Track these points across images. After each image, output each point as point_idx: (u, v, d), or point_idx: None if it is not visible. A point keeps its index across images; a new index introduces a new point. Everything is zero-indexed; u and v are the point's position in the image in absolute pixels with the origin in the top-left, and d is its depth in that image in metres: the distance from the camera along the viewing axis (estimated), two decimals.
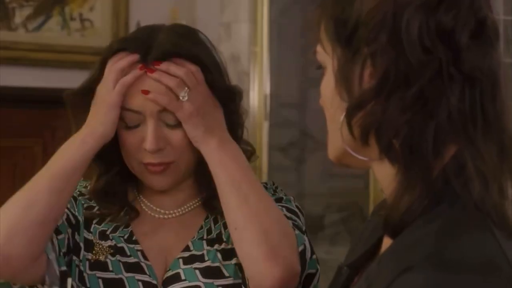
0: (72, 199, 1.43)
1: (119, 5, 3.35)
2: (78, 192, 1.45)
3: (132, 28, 3.28)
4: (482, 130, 0.83)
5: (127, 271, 1.37)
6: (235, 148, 1.37)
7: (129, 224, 1.43)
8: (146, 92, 1.34)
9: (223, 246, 1.40)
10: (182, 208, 1.45)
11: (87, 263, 1.38)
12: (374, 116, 0.83)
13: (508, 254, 0.80)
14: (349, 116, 0.85)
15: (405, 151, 0.83)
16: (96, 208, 1.44)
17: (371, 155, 0.87)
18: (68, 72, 3.12)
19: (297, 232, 1.35)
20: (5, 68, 3.11)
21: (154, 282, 1.37)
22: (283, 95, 3.90)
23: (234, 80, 1.51)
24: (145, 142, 1.35)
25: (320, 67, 0.92)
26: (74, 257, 1.39)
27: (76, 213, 1.42)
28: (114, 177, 1.44)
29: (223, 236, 1.41)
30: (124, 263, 1.38)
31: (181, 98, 1.34)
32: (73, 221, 1.41)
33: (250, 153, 1.46)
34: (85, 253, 1.39)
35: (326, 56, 0.90)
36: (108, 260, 1.38)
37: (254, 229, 1.28)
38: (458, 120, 0.82)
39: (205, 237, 1.41)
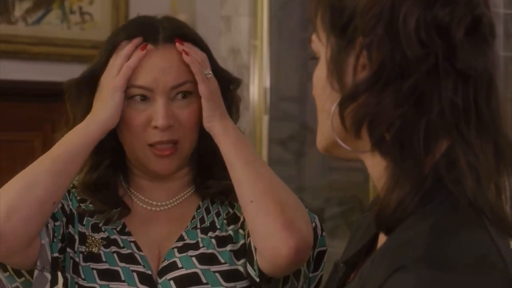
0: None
1: None
2: (71, 185, 1.44)
3: None
4: (476, 128, 0.83)
5: (121, 262, 1.38)
6: (242, 134, 1.40)
7: (121, 216, 1.43)
8: (186, 52, 1.35)
9: (217, 233, 1.40)
10: (174, 199, 1.45)
11: (81, 255, 1.39)
12: (367, 108, 0.83)
13: (502, 252, 0.79)
14: (342, 107, 0.85)
15: (396, 145, 0.82)
16: (89, 201, 1.43)
17: (363, 147, 0.86)
18: (67, 65, 3.11)
19: (307, 209, 1.38)
20: (4, 62, 3.11)
21: (149, 272, 1.37)
22: (283, 88, 3.89)
23: (233, 73, 1.51)
24: (155, 119, 1.35)
25: (315, 57, 0.92)
26: (69, 249, 1.39)
27: (71, 206, 1.42)
28: (106, 170, 1.43)
29: (217, 224, 1.41)
30: (118, 254, 1.38)
31: (205, 74, 1.36)
32: (68, 211, 1.41)
33: None
34: (79, 246, 1.40)
35: (321, 45, 0.90)
36: (101, 252, 1.38)
37: (271, 201, 1.30)
38: (450, 116, 0.82)
39: (198, 226, 1.42)
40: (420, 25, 0.81)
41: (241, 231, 1.40)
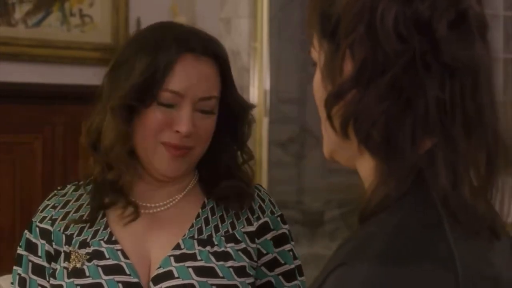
0: (43, 234, 1.44)
1: (119, 1, 3.35)
2: (50, 222, 1.44)
3: (132, 24, 3.27)
4: (463, 124, 0.82)
5: (106, 275, 1.37)
6: None
7: (108, 225, 1.42)
8: None
9: (215, 248, 1.40)
10: (168, 201, 1.45)
11: (65, 271, 1.38)
12: (351, 106, 0.83)
13: (456, 254, 0.79)
14: (328, 106, 0.85)
15: (383, 142, 0.82)
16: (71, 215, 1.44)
17: (353, 148, 0.87)
18: (68, 68, 3.11)
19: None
20: (5, 64, 3.10)
21: (135, 280, 1.36)
22: (283, 90, 3.89)
23: (234, 76, 1.51)
24: (178, 124, 1.36)
25: (315, 64, 0.93)
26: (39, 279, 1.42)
27: (55, 246, 1.42)
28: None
29: (214, 239, 1.42)
30: (103, 267, 1.38)
31: None
32: (53, 253, 1.42)
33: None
34: (63, 262, 1.40)
35: (316, 52, 0.91)
36: (85, 267, 1.38)
37: None
38: (436, 112, 0.81)
39: (196, 236, 1.42)
40: (398, 20, 0.81)
41: (243, 255, 1.42)
